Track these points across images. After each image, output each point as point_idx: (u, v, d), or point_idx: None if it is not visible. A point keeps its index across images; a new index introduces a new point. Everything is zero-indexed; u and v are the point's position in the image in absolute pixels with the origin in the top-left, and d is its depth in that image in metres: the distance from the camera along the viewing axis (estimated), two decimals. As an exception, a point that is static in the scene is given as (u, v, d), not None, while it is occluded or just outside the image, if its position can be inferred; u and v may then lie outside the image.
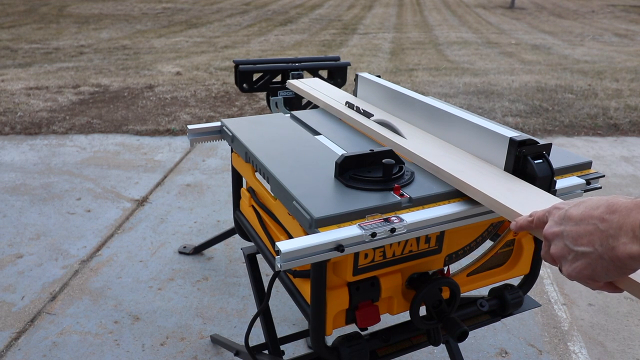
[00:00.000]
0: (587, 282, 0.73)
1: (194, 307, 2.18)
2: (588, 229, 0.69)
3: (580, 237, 0.70)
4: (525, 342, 2.01)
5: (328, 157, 1.28)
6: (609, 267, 0.67)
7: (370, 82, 1.69)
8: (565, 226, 0.73)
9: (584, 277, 0.71)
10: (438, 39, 10.21)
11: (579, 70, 7.06)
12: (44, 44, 8.67)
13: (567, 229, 0.72)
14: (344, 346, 1.18)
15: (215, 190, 3.24)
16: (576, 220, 0.71)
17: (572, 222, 0.72)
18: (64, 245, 2.61)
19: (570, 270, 0.72)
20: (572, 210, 0.73)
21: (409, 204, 1.08)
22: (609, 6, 17.85)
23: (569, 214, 0.73)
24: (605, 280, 0.71)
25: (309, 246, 0.94)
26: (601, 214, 0.68)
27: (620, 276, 0.69)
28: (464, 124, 1.29)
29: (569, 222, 0.72)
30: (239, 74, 2.32)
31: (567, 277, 0.74)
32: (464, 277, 1.30)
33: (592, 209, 0.69)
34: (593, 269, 0.69)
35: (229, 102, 5.23)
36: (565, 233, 0.72)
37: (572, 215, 0.72)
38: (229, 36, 9.93)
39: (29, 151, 3.83)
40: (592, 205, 0.70)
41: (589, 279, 0.71)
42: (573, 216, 0.72)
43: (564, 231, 0.73)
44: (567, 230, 0.72)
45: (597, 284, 0.73)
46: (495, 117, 4.80)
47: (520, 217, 0.87)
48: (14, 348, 1.94)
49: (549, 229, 0.76)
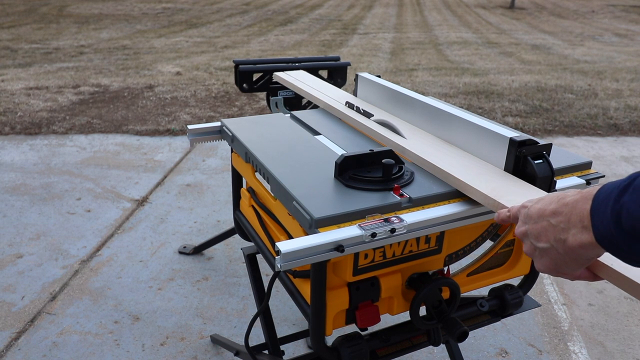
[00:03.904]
0: (557, 275, 0.76)
1: (194, 307, 2.18)
2: (544, 225, 0.72)
3: (539, 235, 0.73)
4: (525, 342, 2.01)
5: (328, 157, 1.28)
6: (566, 259, 0.71)
7: (370, 82, 1.69)
8: (528, 225, 0.76)
9: (551, 271, 0.75)
10: (438, 39, 10.21)
11: (579, 70, 7.05)
12: (44, 44, 8.67)
13: (529, 228, 0.76)
14: (344, 346, 1.18)
15: (215, 190, 3.24)
16: (535, 218, 0.74)
17: (532, 220, 0.75)
18: (64, 245, 2.61)
19: (539, 266, 0.76)
20: (532, 209, 0.76)
21: (409, 204, 1.08)
22: (609, 6, 17.85)
23: (530, 212, 0.76)
24: (570, 272, 0.74)
25: (309, 246, 0.94)
26: (553, 209, 0.71)
27: (580, 267, 0.72)
28: (464, 124, 1.29)
29: (530, 220, 0.76)
30: (239, 74, 2.32)
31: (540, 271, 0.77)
32: (464, 277, 1.30)
33: (546, 206, 0.73)
34: (556, 263, 0.73)
35: (229, 102, 5.23)
36: (529, 232, 0.76)
37: (532, 214, 0.75)
38: (229, 36, 9.93)
39: (29, 151, 3.83)
40: (547, 202, 0.73)
41: (556, 272, 0.75)
42: (532, 215, 0.75)
43: (528, 230, 0.76)
44: (530, 228, 0.75)
45: (570, 276, 0.76)
46: (495, 117, 4.79)
47: (501, 210, 0.90)
48: (14, 348, 1.94)
49: (517, 229, 0.80)
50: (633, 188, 0.61)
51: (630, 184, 0.61)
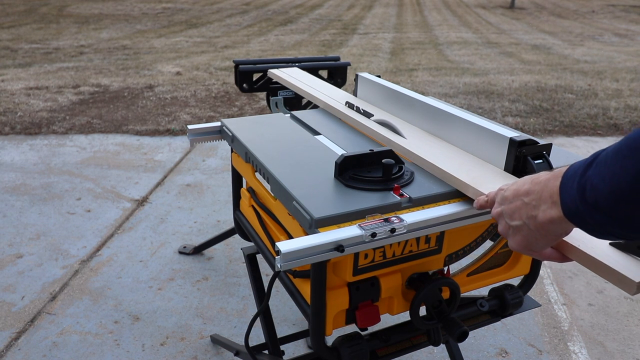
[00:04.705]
0: (528, 253, 0.81)
1: (194, 307, 2.18)
2: (517, 204, 0.77)
3: (513, 213, 0.78)
4: (525, 342, 2.01)
5: (328, 157, 1.28)
6: (536, 235, 0.75)
7: (370, 82, 1.69)
8: (503, 205, 0.81)
9: (522, 248, 0.79)
10: (438, 39, 10.21)
11: (579, 70, 7.06)
12: (44, 44, 8.67)
13: (504, 208, 0.81)
14: (344, 346, 1.18)
15: (215, 190, 3.24)
16: (510, 198, 0.80)
17: (507, 201, 0.80)
18: (64, 245, 2.61)
19: (512, 244, 0.81)
20: (508, 191, 0.81)
21: (408, 204, 1.08)
22: (609, 6, 17.85)
23: (505, 194, 0.81)
24: (540, 249, 0.79)
25: (309, 246, 0.94)
26: (527, 189, 0.76)
27: (548, 243, 0.77)
28: (464, 124, 1.29)
29: (505, 201, 0.81)
30: (239, 74, 2.32)
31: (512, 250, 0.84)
32: (464, 277, 1.30)
33: (520, 186, 0.77)
34: (527, 240, 0.77)
35: (229, 102, 5.23)
36: (504, 212, 0.81)
37: (507, 195, 0.81)
38: (229, 36, 9.93)
39: (29, 151, 3.83)
40: (521, 183, 0.78)
41: (527, 249, 0.79)
42: (507, 196, 0.81)
43: (503, 210, 0.81)
44: (505, 209, 0.81)
45: (540, 254, 0.82)
46: (495, 117, 4.80)
47: (479, 197, 0.95)
48: (14, 348, 1.94)
49: (494, 210, 0.85)
50: (596, 163, 0.64)
51: (595, 160, 0.65)
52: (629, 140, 0.61)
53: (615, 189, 0.60)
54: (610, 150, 0.63)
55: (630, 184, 0.59)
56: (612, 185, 0.60)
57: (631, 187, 0.59)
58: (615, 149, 0.62)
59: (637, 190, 0.58)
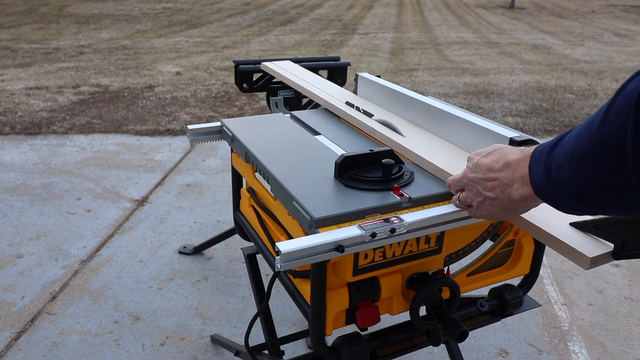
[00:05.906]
0: (487, 219, 0.92)
1: (194, 307, 2.18)
2: (492, 177, 0.85)
3: (487, 185, 0.86)
4: (525, 342, 2.01)
5: (328, 157, 1.28)
6: (507, 209, 0.85)
7: (370, 82, 1.69)
8: (477, 174, 0.88)
9: (489, 216, 0.89)
10: (438, 39, 10.21)
11: (579, 70, 7.06)
12: (44, 44, 8.67)
13: (478, 177, 0.88)
14: (344, 346, 1.18)
15: (215, 190, 3.24)
16: (484, 170, 0.86)
17: (481, 170, 0.87)
18: (64, 245, 2.61)
19: (482, 212, 0.90)
20: (482, 160, 0.88)
21: (408, 204, 1.08)
22: (609, 6, 17.85)
23: (480, 163, 0.88)
24: (504, 219, 0.91)
25: (309, 246, 0.94)
26: (501, 167, 0.83)
27: (515, 215, 0.88)
28: (464, 124, 1.29)
29: (479, 170, 0.88)
30: (239, 74, 2.32)
31: (474, 216, 0.94)
32: (464, 277, 1.30)
33: (495, 162, 0.84)
34: (497, 210, 0.87)
35: (229, 102, 5.23)
36: (477, 180, 0.88)
37: (482, 165, 0.87)
38: (229, 36, 9.93)
39: (29, 151, 3.83)
40: (494, 159, 0.85)
41: (493, 218, 0.90)
42: (482, 165, 0.87)
43: (476, 178, 0.89)
44: (478, 177, 0.88)
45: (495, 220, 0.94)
46: (495, 117, 4.80)
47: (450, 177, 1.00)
48: (14, 348, 1.94)
49: (467, 174, 0.92)
50: (561, 144, 0.70)
51: (559, 141, 0.71)
52: (587, 122, 0.66)
53: (575, 166, 0.66)
54: (574, 132, 0.68)
55: (587, 162, 0.64)
56: (572, 163, 0.67)
57: (587, 163, 0.64)
58: (577, 131, 0.67)
59: (592, 167, 0.63)
